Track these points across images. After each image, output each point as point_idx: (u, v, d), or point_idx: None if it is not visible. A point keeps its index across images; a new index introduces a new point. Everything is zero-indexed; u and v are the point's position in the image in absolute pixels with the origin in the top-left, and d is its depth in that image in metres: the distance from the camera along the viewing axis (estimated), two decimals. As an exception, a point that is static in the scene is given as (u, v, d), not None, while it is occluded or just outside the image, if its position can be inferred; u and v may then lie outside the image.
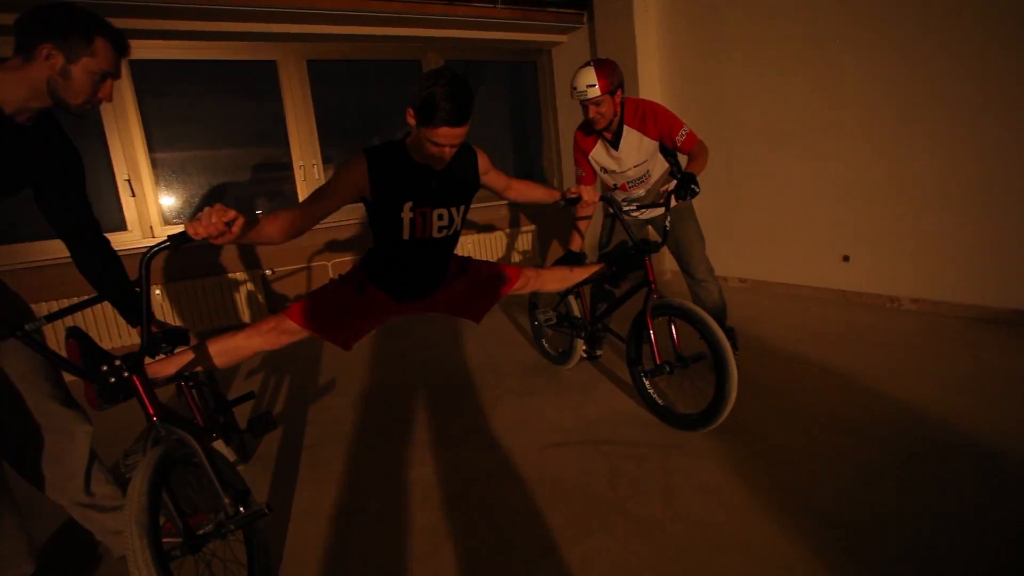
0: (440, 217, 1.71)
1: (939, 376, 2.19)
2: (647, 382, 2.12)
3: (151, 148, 3.81)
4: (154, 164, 3.83)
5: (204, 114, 4.02)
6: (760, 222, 3.78)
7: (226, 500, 1.27)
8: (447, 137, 1.49)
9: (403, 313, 1.93)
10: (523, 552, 1.41)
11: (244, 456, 2.12)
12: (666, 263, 4.48)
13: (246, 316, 4.01)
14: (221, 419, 2.01)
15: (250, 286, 4.02)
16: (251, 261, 4.08)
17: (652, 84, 4.28)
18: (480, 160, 1.83)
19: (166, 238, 1.19)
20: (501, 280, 2.07)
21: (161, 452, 1.21)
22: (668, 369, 2.03)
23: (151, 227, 3.85)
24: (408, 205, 1.63)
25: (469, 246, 4.78)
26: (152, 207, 3.83)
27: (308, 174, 4.25)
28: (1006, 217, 2.61)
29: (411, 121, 1.55)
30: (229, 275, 3.95)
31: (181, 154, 3.96)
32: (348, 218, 4.31)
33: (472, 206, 1.88)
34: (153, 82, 3.76)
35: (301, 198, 4.27)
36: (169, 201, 3.94)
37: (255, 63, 4.07)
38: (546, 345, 2.90)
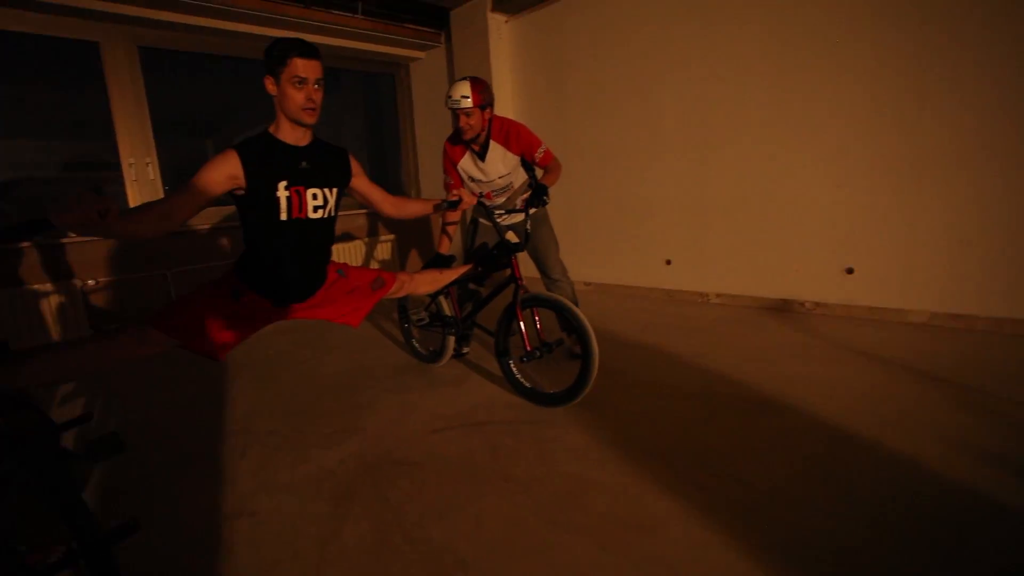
0: (315, 196, 1.76)
1: (731, 351, 2.79)
2: (515, 369, 2.37)
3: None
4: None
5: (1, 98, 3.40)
6: (600, 233, 4.34)
7: (80, 524, 1.18)
8: (305, 68, 1.61)
9: (280, 318, 1.90)
10: (420, 520, 1.53)
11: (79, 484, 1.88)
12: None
13: (55, 334, 3.44)
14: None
15: (60, 298, 3.45)
16: (60, 270, 3.52)
17: (506, 105, 4.67)
18: (352, 160, 1.94)
19: (17, 223, 1.07)
20: (378, 284, 2.15)
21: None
22: (538, 354, 2.29)
23: (-85, 228, 3.13)
24: (282, 184, 1.68)
25: (328, 254, 4.66)
26: (-83, 204, 3.13)
27: (141, 174, 3.80)
28: (777, 226, 3.41)
29: (271, 88, 1.65)
30: (29, 287, 3.36)
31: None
32: (190, 226, 3.95)
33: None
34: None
35: (132, 200, 3.81)
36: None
37: (72, 43, 3.56)
38: (416, 345, 3.01)
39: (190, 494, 1.77)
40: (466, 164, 2.67)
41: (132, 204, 3.82)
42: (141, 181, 3.81)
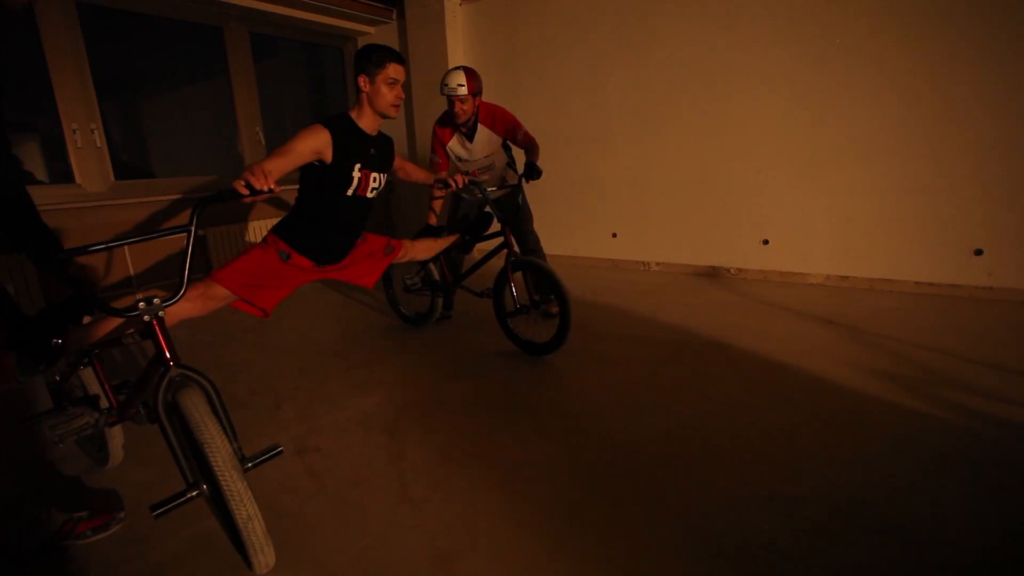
0: (375, 180, 2.03)
1: (676, 308, 3.34)
2: (511, 321, 2.73)
3: None
4: None
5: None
6: (552, 209, 4.75)
7: (236, 444, 1.40)
8: (397, 71, 1.91)
9: (317, 277, 2.12)
10: (471, 440, 1.87)
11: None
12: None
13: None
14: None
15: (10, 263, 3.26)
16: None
17: (460, 85, 4.87)
18: (394, 146, 2.22)
19: (216, 193, 1.37)
20: (389, 250, 2.41)
21: (204, 394, 1.30)
22: (526, 311, 2.66)
23: None
24: (358, 166, 1.94)
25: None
26: None
27: (86, 140, 3.61)
28: (707, 204, 4.01)
29: (365, 87, 1.91)
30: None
31: None
32: (142, 198, 3.81)
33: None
34: None
35: (77, 169, 3.61)
36: None
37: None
38: (403, 309, 3.26)
39: (245, 441, 1.96)
40: (454, 145, 2.94)
41: (78, 173, 3.62)
42: (87, 148, 3.62)
